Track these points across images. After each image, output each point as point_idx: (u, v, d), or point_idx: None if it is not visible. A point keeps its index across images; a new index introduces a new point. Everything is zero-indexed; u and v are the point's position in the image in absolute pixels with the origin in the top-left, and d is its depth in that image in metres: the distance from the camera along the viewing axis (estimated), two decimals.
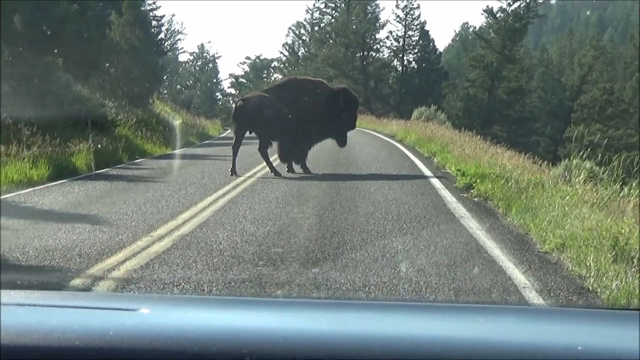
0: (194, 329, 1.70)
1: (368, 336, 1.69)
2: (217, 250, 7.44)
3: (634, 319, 1.83)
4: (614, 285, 6.10)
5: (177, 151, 22.31)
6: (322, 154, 19.51)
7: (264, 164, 15.43)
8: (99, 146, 17.30)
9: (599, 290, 6.12)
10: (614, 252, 7.13)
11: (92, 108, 21.26)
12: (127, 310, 1.88)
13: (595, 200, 10.06)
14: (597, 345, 1.61)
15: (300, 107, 14.80)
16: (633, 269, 6.63)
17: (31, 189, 12.48)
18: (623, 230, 7.72)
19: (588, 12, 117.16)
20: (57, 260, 7.03)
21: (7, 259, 7.11)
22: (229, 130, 42.54)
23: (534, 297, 5.87)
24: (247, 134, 15.09)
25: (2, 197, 11.58)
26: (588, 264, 6.77)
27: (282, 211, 10.00)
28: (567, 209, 9.32)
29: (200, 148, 24.54)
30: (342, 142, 15.46)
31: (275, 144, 14.89)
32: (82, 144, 16.53)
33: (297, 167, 14.96)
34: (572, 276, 6.64)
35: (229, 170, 14.50)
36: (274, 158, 15.33)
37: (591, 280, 6.41)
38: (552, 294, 5.99)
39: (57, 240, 7.90)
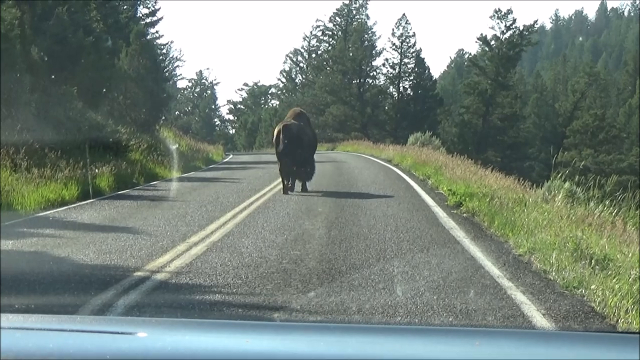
0: (190, 353, 1.75)
1: None
2: (246, 252, 9.08)
3: (633, 342, 1.84)
4: (569, 275, 7.74)
5: (188, 175, 23.94)
6: (324, 177, 21.19)
7: (271, 185, 17.29)
8: (118, 170, 18.90)
9: (557, 279, 7.79)
10: (575, 254, 8.78)
11: (107, 134, 22.93)
12: (123, 334, 1.95)
13: (568, 215, 11.72)
14: None
15: (309, 134, 17.17)
16: (589, 266, 8.27)
17: (66, 208, 14.10)
18: (585, 237, 9.40)
19: (581, 39, 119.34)
20: (115, 260, 8.65)
21: (73, 260, 8.72)
22: (231, 156, 44.37)
23: (505, 283, 7.53)
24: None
25: (43, 214, 13.20)
26: (551, 262, 8.41)
27: (295, 224, 11.65)
28: (541, 221, 10.98)
29: (208, 172, 26.18)
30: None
31: (289, 165, 16.36)
32: (105, 166, 18.15)
33: (296, 187, 16.71)
34: (538, 270, 8.30)
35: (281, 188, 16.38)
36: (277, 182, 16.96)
37: (553, 274, 8.06)
38: (519, 281, 7.67)
39: (109, 246, 9.52)
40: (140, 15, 44.65)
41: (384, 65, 64.46)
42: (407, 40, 62.75)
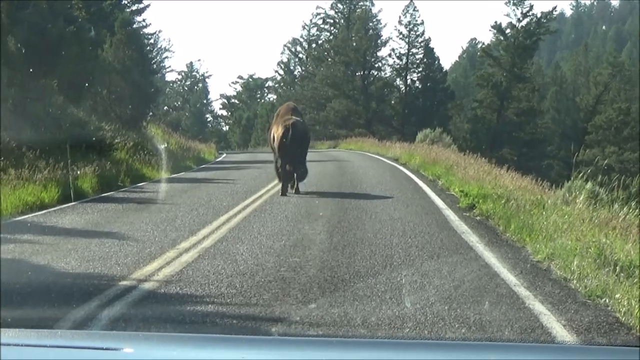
0: None
1: None
2: (241, 259, 9.09)
3: (633, 354, 1.92)
4: (592, 283, 7.74)
5: (177, 175, 23.94)
6: (325, 177, 21.19)
7: (268, 187, 17.32)
8: (102, 170, 18.90)
9: (579, 287, 7.79)
10: (598, 260, 8.78)
11: (90, 131, 22.93)
12: (108, 349, 2.04)
13: (590, 218, 11.72)
14: None
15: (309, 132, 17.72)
16: (613, 273, 8.27)
17: (45, 211, 14.10)
18: (609, 242, 9.40)
19: (604, 27, 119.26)
20: (98, 268, 8.65)
21: (53, 268, 8.72)
22: (224, 155, 44.39)
23: (523, 292, 7.53)
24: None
25: (20, 218, 13.20)
26: (572, 269, 8.41)
27: (293, 228, 11.66)
28: (561, 225, 10.98)
29: (200, 172, 26.17)
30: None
31: (286, 162, 16.49)
32: (87, 167, 18.15)
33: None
34: (558, 278, 8.30)
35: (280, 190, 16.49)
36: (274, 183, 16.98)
37: (574, 282, 8.06)
38: (538, 290, 7.68)
39: (92, 253, 9.53)
40: (126, 2, 44.65)
41: (390, 55, 64.51)
42: (415, 28, 62.80)
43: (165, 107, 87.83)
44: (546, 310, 6.96)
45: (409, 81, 64.01)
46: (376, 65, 65.60)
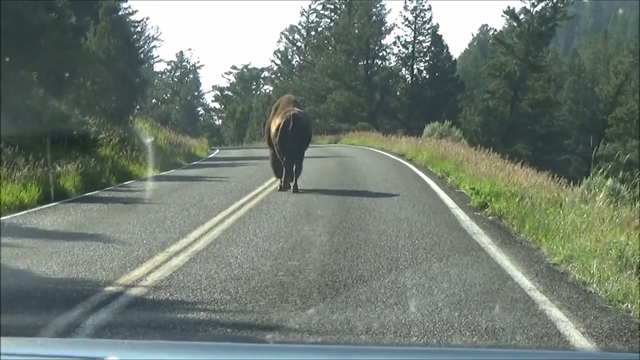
0: None
1: None
2: (236, 263, 9.11)
3: None
4: (613, 287, 7.75)
5: (167, 173, 23.95)
6: (326, 174, 21.21)
7: (265, 185, 17.36)
8: (85, 168, 18.90)
9: (599, 291, 7.80)
10: (620, 263, 8.79)
11: (73, 126, 22.93)
12: (93, 359, 2.08)
13: (611, 217, 11.73)
14: None
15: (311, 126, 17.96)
16: (636, 276, 8.29)
17: (25, 212, 14.10)
18: (631, 243, 9.41)
19: (622, 11, 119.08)
20: (82, 273, 8.66)
21: (34, 273, 8.73)
22: (217, 151, 44.42)
23: (538, 297, 7.57)
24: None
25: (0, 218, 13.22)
26: (592, 272, 8.42)
27: (292, 229, 11.68)
28: (580, 225, 11.00)
29: (190, 169, 26.20)
30: None
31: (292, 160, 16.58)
32: (70, 164, 18.16)
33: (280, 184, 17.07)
34: (576, 282, 8.32)
35: (280, 186, 16.78)
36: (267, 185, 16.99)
37: (594, 285, 8.08)
38: (555, 294, 7.70)
39: (75, 256, 9.53)
40: None
41: (395, 44, 64.50)
42: (422, 14, 62.82)
43: (154, 100, 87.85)
44: (564, 317, 6.97)
45: (415, 71, 64.03)
46: (380, 54, 65.60)
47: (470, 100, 64.75)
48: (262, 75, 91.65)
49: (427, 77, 63.76)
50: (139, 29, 62.01)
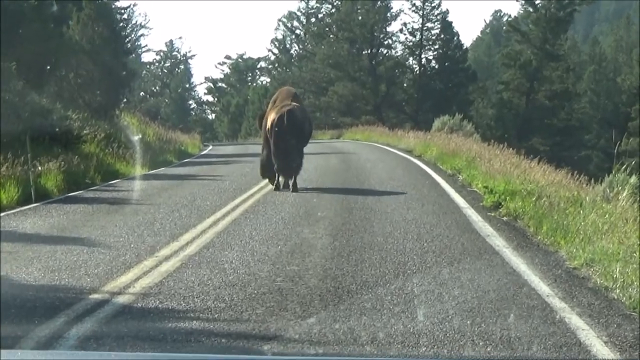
0: None
1: None
2: (230, 268, 9.12)
3: None
4: (637, 293, 7.75)
5: (156, 171, 23.98)
6: (328, 172, 21.23)
7: (261, 184, 17.42)
8: (68, 166, 18.91)
9: (622, 297, 7.81)
10: None
11: (54, 121, 22.95)
12: None
13: (635, 218, 11.74)
14: None
15: (310, 121, 18.14)
16: None
17: (4, 214, 14.09)
18: None
19: None
20: (65, 279, 8.67)
21: (13, 280, 8.74)
22: (210, 147, 44.43)
23: (557, 304, 7.58)
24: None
25: None
26: (615, 276, 8.42)
27: (291, 232, 11.69)
28: (602, 226, 11.00)
29: (182, 167, 26.22)
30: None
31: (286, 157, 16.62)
32: (51, 162, 18.17)
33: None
34: (598, 287, 8.33)
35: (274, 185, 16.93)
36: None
37: (617, 291, 8.08)
38: (575, 301, 7.72)
39: (58, 262, 9.54)
40: None
41: (401, 31, 64.62)
42: None
43: (142, 93, 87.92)
44: (584, 325, 6.97)
45: (423, 60, 64.04)
46: (386, 43, 65.65)
47: (482, 92, 64.76)
48: (259, 66, 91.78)
49: (437, 67, 63.78)
50: (125, 16, 62.06)
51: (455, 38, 63.95)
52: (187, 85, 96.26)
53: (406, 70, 65.39)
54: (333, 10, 72.05)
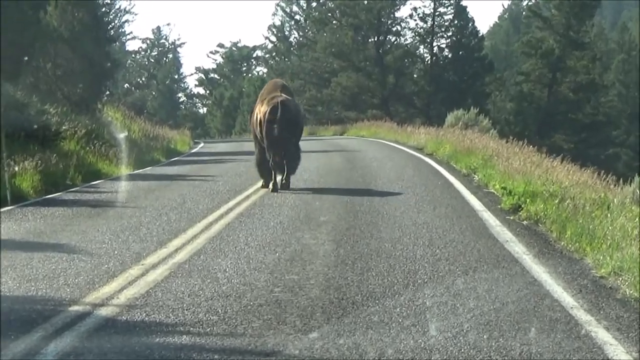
0: None
1: None
2: (224, 278, 9.12)
3: None
4: None
5: (142, 171, 24.00)
6: (331, 172, 21.24)
7: (257, 185, 17.47)
8: (46, 165, 18.92)
9: None
10: None
11: (31, 116, 22.94)
12: None
13: None
14: None
15: (302, 114, 18.54)
16: None
17: None
18: None
19: None
20: (43, 289, 8.67)
21: None
22: (202, 144, 44.45)
23: (582, 316, 7.59)
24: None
25: None
26: None
27: (290, 237, 11.69)
28: (631, 230, 11.00)
29: (170, 167, 26.23)
30: None
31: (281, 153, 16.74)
32: (27, 161, 18.18)
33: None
34: (627, 298, 8.33)
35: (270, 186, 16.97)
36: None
37: None
38: (602, 313, 7.71)
39: (34, 270, 9.55)
40: None
41: (411, 16, 64.52)
42: None
43: (126, 85, 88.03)
44: (612, 339, 6.97)
45: (435, 49, 64.05)
46: (394, 29, 65.64)
47: (500, 83, 64.73)
48: (255, 55, 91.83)
49: (450, 56, 63.78)
50: (108, 0, 62.12)
51: (470, 24, 63.92)
52: (176, 77, 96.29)
53: (416, 60, 65.38)
54: None
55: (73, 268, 9.68)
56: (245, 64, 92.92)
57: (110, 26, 46.14)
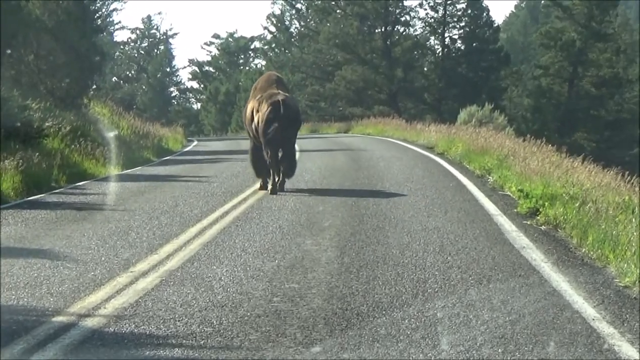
0: None
1: None
2: (219, 286, 9.13)
3: None
4: None
5: (131, 171, 24.02)
6: (334, 172, 21.25)
7: (255, 186, 17.52)
8: (27, 165, 18.94)
9: None
10: None
11: (12, 112, 22.96)
12: None
13: None
14: None
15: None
16: None
17: None
18: None
19: None
20: (24, 298, 8.68)
21: None
22: (195, 142, 44.48)
23: (605, 329, 7.59)
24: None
25: None
26: None
27: (290, 243, 11.71)
28: None
29: (161, 167, 26.25)
30: None
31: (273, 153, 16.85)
32: (8, 160, 18.19)
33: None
34: None
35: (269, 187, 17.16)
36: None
37: None
38: (626, 326, 7.71)
39: (15, 278, 9.56)
40: None
41: (421, 5, 64.60)
42: None
43: (114, 78, 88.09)
44: (637, 354, 6.98)
45: (447, 40, 64.04)
46: (403, 19, 65.62)
47: (517, 77, 64.70)
48: (252, 47, 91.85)
49: (463, 48, 63.79)
50: None
51: (484, 14, 63.97)
52: (168, 70, 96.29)
53: (427, 52, 65.45)
54: None
55: (57, 275, 9.69)
56: (242, 56, 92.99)
57: (97, 15, 46.23)
